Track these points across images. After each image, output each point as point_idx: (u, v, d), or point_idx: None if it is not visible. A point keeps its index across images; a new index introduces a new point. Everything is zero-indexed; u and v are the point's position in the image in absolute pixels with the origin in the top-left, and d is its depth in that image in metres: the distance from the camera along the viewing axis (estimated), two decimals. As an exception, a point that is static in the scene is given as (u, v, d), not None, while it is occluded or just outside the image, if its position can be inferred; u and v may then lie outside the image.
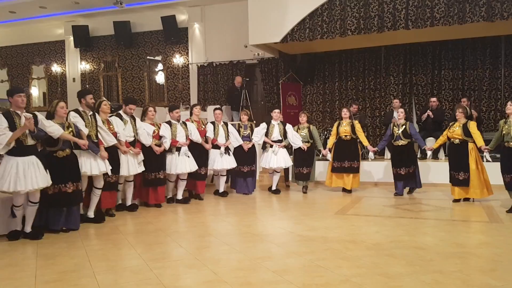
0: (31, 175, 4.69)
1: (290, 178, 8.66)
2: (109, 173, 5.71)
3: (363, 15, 9.01)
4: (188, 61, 13.14)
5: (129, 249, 4.54)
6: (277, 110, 8.34)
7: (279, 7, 9.58)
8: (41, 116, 4.99)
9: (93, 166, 5.48)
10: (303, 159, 8.02)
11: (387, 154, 9.82)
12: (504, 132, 6.31)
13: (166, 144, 6.83)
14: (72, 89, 14.03)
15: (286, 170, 8.97)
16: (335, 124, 8.16)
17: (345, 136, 7.88)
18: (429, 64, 10.86)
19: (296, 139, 7.97)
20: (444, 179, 7.37)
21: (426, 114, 9.68)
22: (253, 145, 8.08)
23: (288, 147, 8.25)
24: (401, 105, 10.08)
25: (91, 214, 5.83)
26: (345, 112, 8.01)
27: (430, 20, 8.51)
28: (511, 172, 6.18)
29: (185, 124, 7.27)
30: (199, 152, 7.35)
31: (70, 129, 5.28)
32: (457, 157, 6.85)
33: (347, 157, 7.85)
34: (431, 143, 8.58)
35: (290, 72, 11.60)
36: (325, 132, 10.23)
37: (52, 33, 14.57)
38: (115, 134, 6.01)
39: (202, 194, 7.65)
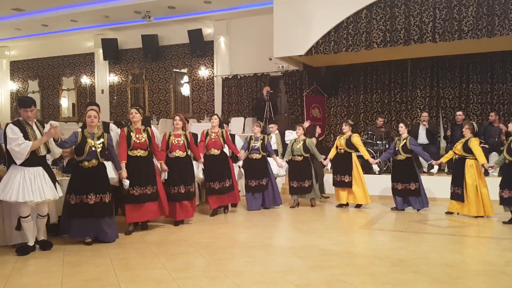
0: (38, 186, 4.54)
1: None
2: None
3: (389, 28, 8.96)
4: (213, 74, 13.31)
5: (153, 259, 4.58)
6: (272, 125, 8.50)
7: (304, 20, 9.63)
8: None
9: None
10: (297, 173, 7.78)
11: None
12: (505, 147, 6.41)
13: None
14: (101, 101, 14.35)
15: (321, 182, 8.81)
16: (338, 137, 8.10)
17: (340, 150, 7.81)
18: (456, 78, 10.68)
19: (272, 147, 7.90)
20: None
21: (448, 132, 9.64)
22: (264, 158, 7.68)
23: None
24: (429, 119, 9.94)
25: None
26: (343, 127, 7.92)
27: (458, 33, 8.39)
28: (504, 188, 6.25)
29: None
30: (214, 165, 6.92)
31: (102, 140, 5.16)
32: (455, 172, 6.99)
33: (339, 171, 7.78)
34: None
35: (314, 84, 11.61)
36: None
37: (82, 46, 15.02)
38: (145, 145, 5.75)
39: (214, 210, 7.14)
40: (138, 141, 5.70)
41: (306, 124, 8.67)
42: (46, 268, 4.27)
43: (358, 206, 7.79)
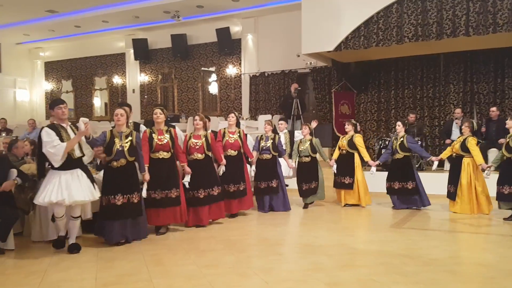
0: (73, 188, 4.52)
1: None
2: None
3: (421, 22, 8.77)
4: (240, 72, 13.36)
5: (183, 255, 4.64)
6: (282, 121, 7.98)
7: (333, 15, 9.53)
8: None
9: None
10: (305, 174, 7.48)
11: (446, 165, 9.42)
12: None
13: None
14: (132, 100, 14.66)
15: None
16: (340, 137, 7.91)
17: (342, 150, 7.66)
18: (491, 72, 10.35)
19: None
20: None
21: (483, 128, 9.33)
22: (275, 158, 7.18)
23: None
24: (463, 115, 9.69)
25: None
26: (346, 127, 7.76)
27: (493, 27, 8.12)
28: (504, 184, 6.24)
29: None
30: (230, 167, 6.47)
31: (130, 138, 5.08)
32: (452, 171, 7.01)
33: (341, 172, 7.60)
34: (493, 154, 8.16)
35: (343, 80, 11.47)
36: (380, 142, 9.98)
37: (113, 46, 15.35)
38: (167, 146, 5.53)
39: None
40: (160, 143, 5.48)
41: (314, 124, 8.44)
42: (81, 263, 4.40)
43: (356, 206, 7.65)
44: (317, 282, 3.72)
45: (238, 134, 6.73)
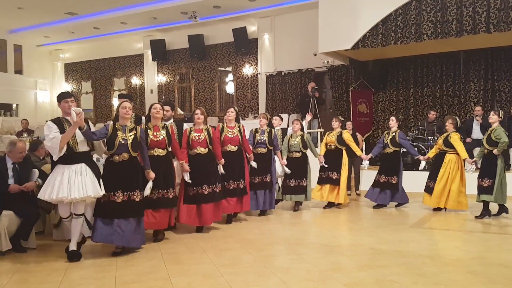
0: (76, 183, 4.30)
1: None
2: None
3: (440, 19, 8.65)
4: (257, 71, 13.36)
5: (201, 254, 4.66)
6: (276, 117, 7.75)
7: (350, 14, 9.46)
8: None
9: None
10: (295, 170, 7.15)
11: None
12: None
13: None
14: (150, 100, 14.80)
15: (357, 179, 8.77)
16: (326, 133, 7.73)
17: (330, 146, 7.50)
18: (513, 69, 10.16)
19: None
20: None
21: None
22: (270, 152, 6.89)
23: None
24: (483, 113, 9.52)
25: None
26: (333, 123, 7.58)
27: (515, 23, 7.97)
28: (484, 177, 6.32)
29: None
30: (229, 163, 6.12)
31: (134, 132, 4.74)
32: (434, 166, 7.12)
33: (329, 167, 7.42)
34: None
35: (361, 79, 11.38)
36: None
37: (132, 47, 15.52)
38: (163, 143, 5.18)
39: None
40: (155, 139, 5.13)
41: (308, 117, 8.27)
42: (101, 261, 4.46)
43: (338, 205, 7.53)
44: (336, 282, 3.70)
45: (238, 129, 6.34)
